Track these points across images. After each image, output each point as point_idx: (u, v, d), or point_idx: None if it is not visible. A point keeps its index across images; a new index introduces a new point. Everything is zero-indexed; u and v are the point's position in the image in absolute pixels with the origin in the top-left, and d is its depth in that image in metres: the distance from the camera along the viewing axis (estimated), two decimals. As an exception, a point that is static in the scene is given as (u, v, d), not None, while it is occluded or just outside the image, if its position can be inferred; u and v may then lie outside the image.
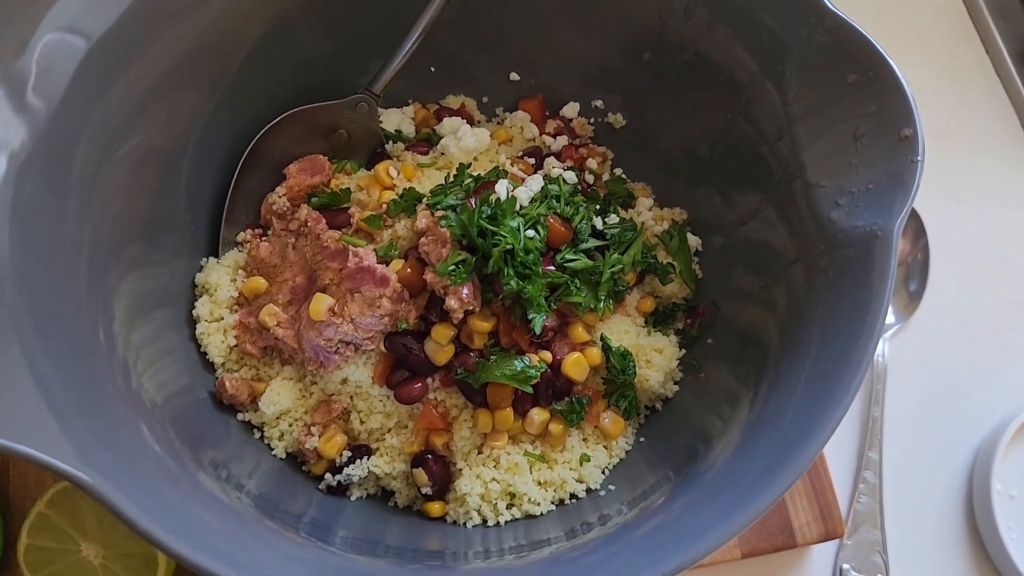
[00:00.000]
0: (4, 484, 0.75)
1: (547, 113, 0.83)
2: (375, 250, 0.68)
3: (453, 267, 0.63)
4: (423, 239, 0.66)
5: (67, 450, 0.45)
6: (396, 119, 0.80)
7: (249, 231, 0.75)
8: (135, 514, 0.46)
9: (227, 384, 0.68)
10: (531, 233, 0.65)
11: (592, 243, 0.69)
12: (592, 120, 0.82)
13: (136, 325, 0.63)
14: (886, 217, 0.54)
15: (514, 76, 0.82)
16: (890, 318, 0.91)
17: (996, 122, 1.04)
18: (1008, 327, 0.93)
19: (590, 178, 0.78)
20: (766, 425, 0.58)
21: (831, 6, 0.60)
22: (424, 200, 0.69)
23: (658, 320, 0.74)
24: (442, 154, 0.77)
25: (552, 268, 0.67)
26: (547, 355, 0.67)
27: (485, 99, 0.84)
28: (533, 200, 0.68)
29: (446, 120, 0.78)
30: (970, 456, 0.88)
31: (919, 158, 0.55)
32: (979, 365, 0.91)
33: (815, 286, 0.61)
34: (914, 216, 0.92)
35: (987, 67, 1.07)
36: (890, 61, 0.57)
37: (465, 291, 0.64)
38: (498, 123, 0.83)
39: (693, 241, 0.76)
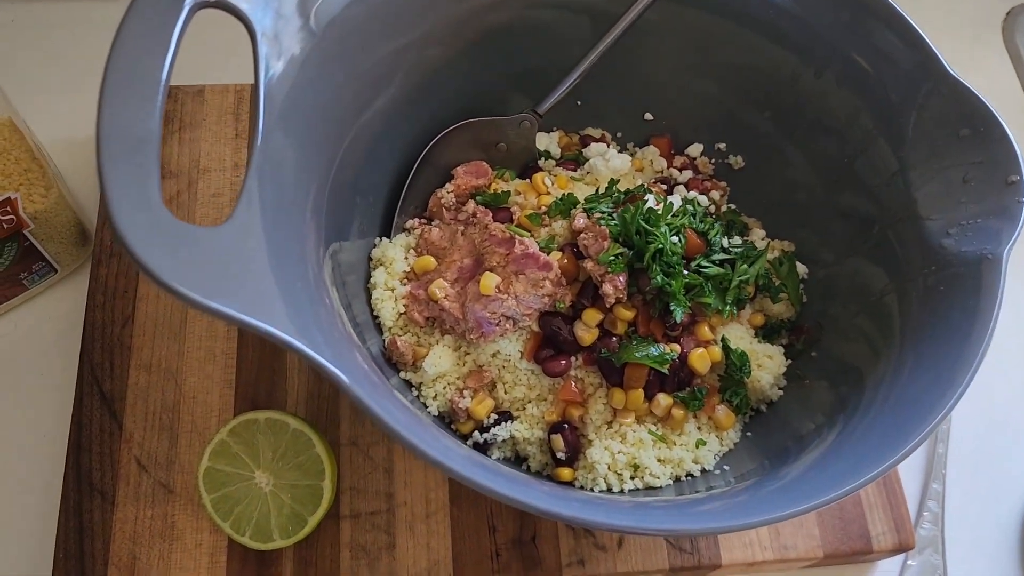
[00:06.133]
0: (175, 421, 0.84)
1: (673, 151, 0.95)
2: (536, 242, 0.79)
3: (613, 257, 0.74)
4: (583, 235, 0.77)
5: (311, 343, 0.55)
6: (545, 141, 0.92)
7: (417, 220, 0.86)
8: (376, 406, 0.54)
9: (398, 343, 0.78)
10: (675, 239, 0.76)
11: (722, 256, 0.80)
12: (713, 160, 0.94)
13: (335, 284, 0.74)
14: (995, 244, 0.65)
15: (648, 116, 0.95)
16: (957, 366, 1.00)
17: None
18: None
19: (712, 207, 0.90)
20: (854, 436, 0.67)
21: (950, 70, 0.72)
22: (579, 205, 0.81)
23: (766, 334, 0.85)
24: (588, 172, 0.89)
25: (687, 272, 0.78)
26: (676, 347, 0.77)
27: (619, 134, 0.97)
28: (675, 215, 0.80)
29: (593, 145, 0.91)
30: (1024, 498, 0.96)
31: (1024, 199, 0.67)
32: (1035, 417, 1.00)
33: (914, 311, 0.71)
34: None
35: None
36: (999, 118, 0.69)
37: (620, 279, 0.74)
38: (630, 156, 0.95)
39: (801, 269, 0.86)
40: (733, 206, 0.93)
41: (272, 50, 0.64)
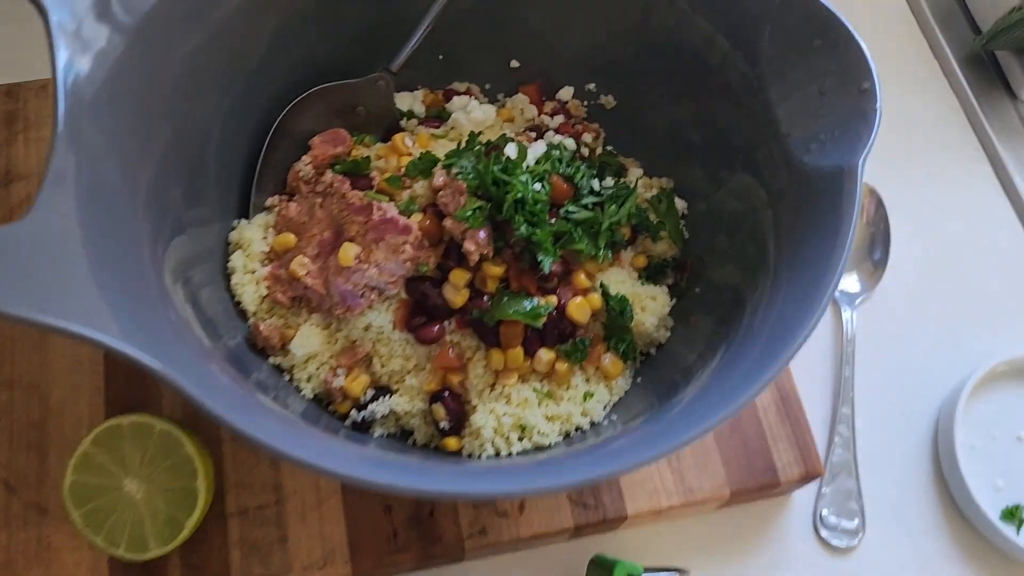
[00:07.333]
0: (43, 436, 0.79)
1: (544, 97, 0.91)
2: (396, 206, 0.75)
3: (470, 212, 0.70)
4: (441, 192, 0.73)
5: (123, 335, 0.51)
6: (408, 101, 0.88)
7: (276, 197, 0.82)
8: (209, 402, 0.50)
9: (261, 328, 0.74)
10: (538, 187, 0.73)
11: (592, 199, 0.77)
12: (585, 102, 0.91)
13: (180, 283, 0.69)
14: (851, 154, 0.63)
15: (514, 64, 0.91)
16: (856, 287, 0.99)
17: (945, 118, 1.15)
18: (965, 296, 1.01)
19: (585, 151, 0.87)
20: (732, 364, 0.65)
21: (795, -20, 0.69)
22: (439, 163, 0.77)
23: (650, 275, 0.82)
24: (452, 128, 0.85)
25: (555, 220, 0.74)
26: (552, 299, 0.74)
27: (487, 86, 0.93)
28: (538, 162, 0.76)
29: (456, 98, 0.87)
30: (934, 411, 0.95)
31: (877, 105, 0.64)
32: (940, 330, 0.99)
33: (784, 228, 0.69)
34: (871, 189, 1.01)
35: (936, 71, 1.18)
36: (848, 24, 0.67)
37: (482, 235, 0.71)
38: (500, 106, 0.91)
39: (680, 204, 0.84)
40: (611, 148, 0.90)
41: (80, 35, 0.59)
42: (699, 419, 0.57)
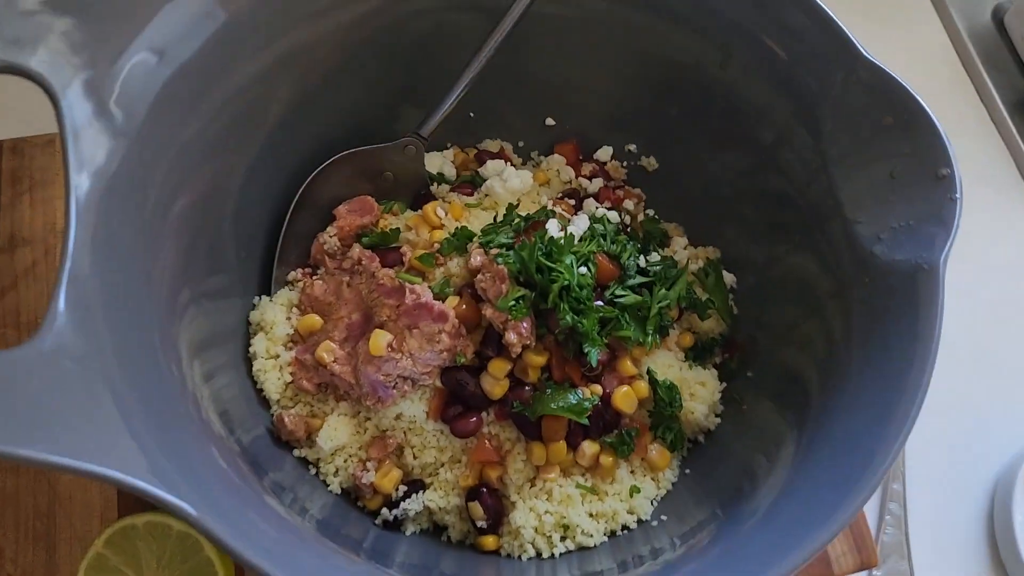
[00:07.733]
0: (51, 527, 0.75)
1: (581, 157, 0.86)
2: (430, 287, 0.70)
3: (513, 302, 0.65)
4: (480, 276, 0.68)
5: (151, 473, 0.46)
6: (438, 162, 0.83)
7: (300, 270, 0.77)
8: (218, 529, 0.46)
9: (286, 420, 0.69)
10: (583, 270, 0.68)
11: (639, 279, 0.72)
12: (625, 163, 0.86)
13: (197, 363, 0.64)
14: (929, 251, 0.58)
15: (550, 121, 0.86)
16: (907, 353, 0.94)
17: (993, 166, 1.09)
18: (1020, 359, 0.96)
19: (627, 218, 0.81)
20: (811, 471, 0.60)
21: (866, 53, 0.64)
22: (475, 239, 0.72)
23: (697, 355, 0.77)
24: (486, 195, 0.80)
25: (602, 304, 0.69)
26: (598, 388, 0.69)
27: (521, 143, 0.88)
28: (581, 239, 0.71)
29: (489, 163, 0.82)
30: (990, 487, 0.90)
31: (957, 196, 0.59)
32: (995, 397, 0.94)
33: (855, 320, 0.64)
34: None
35: (983, 115, 1.12)
36: (924, 104, 0.62)
37: (524, 326, 0.66)
38: (534, 166, 0.86)
39: (728, 278, 0.79)
40: (652, 212, 0.85)
41: (80, 149, 0.53)
42: (785, 546, 0.51)
